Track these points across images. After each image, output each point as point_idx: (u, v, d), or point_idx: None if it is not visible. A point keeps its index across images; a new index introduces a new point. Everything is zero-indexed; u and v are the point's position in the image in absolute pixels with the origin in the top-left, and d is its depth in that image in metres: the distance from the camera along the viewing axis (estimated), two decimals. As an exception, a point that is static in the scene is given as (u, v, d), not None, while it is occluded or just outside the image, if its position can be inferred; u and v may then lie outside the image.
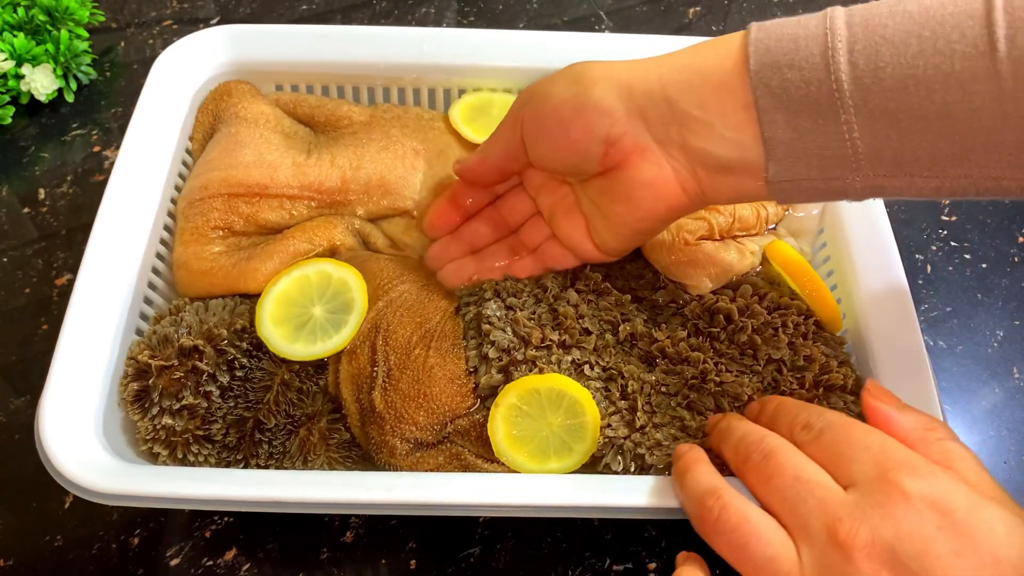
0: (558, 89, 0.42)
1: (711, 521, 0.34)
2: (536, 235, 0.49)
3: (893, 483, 0.31)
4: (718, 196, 0.40)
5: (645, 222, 0.42)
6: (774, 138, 0.36)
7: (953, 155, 0.34)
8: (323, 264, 0.48)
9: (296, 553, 0.47)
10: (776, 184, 0.37)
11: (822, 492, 0.32)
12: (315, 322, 0.47)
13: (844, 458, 0.33)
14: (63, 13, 0.67)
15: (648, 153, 0.40)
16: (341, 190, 0.52)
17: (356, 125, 0.56)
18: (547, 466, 0.43)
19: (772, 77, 0.35)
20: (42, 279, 0.58)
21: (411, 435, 0.44)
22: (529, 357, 0.45)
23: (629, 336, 0.47)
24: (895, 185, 0.36)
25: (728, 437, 0.38)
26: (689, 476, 0.37)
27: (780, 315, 0.48)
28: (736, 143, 0.37)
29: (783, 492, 0.33)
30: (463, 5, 0.78)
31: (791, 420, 0.37)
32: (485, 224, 0.50)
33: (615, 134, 0.40)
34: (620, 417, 0.44)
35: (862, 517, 0.31)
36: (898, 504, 0.31)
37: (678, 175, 0.40)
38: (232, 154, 0.53)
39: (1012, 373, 0.56)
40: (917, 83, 0.33)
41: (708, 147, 0.38)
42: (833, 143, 0.35)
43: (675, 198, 0.40)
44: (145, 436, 0.44)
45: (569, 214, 0.46)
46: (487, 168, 0.47)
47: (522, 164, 0.46)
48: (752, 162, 0.37)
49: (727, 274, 0.49)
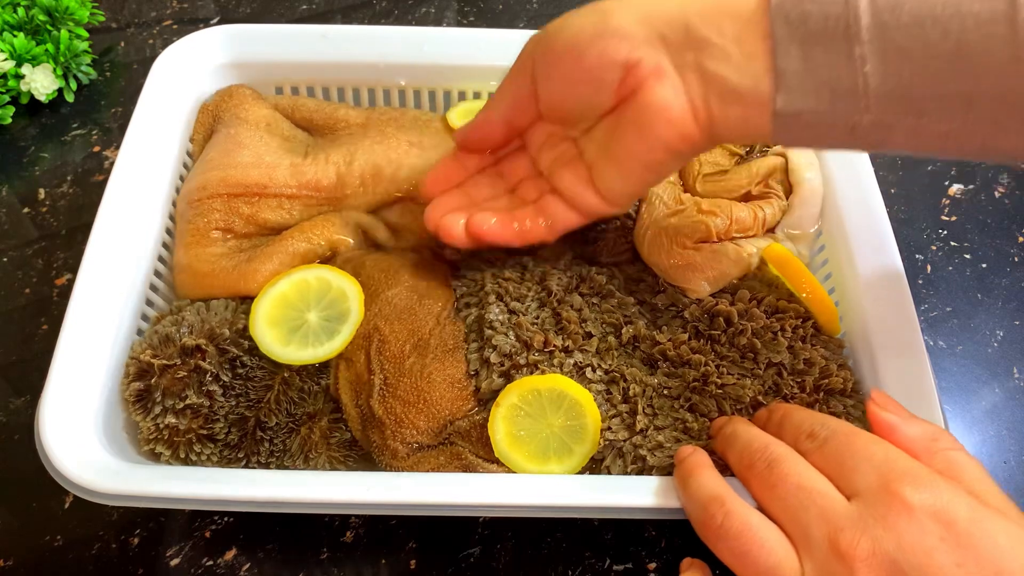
0: (574, 20, 0.41)
1: (714, 528, 0.34)
2: (536, 190, 0.47)
3: (895, 494, 0.31)
4: (726, 129, 0.39)
5: (655, 152, 0.41)
6: (786, 68, 0.36)
7: (962, 96, 0.34)
8: (324, 271, 0.48)
9: (296, 553, 0.47)
10: (783, 118, 0.37)
11: (824, 501, 0.32)
12: (309, 327, 0.46)
13: (847, 468, 0.33)
14: (63, 13, 0.67)
15: (665, 76, 0.39)
16: (338, 186, 0.52)
17: (353, 127, 0.56)
18: (547, 467, 0.43)
19: (792, 8, 0.35)
20: (42, 279, 0.58)
21: (412, 438, 0.44)
22: (531, 361, 0.45)
23: (632, 338, 0.47)
24: (904, 125, 0.35)
25: (733, 442, 0.38)
26: (693, 480, 0.37)
27: (778, 319, 0.48)
28: (751, 70, 0.37)
29: (786, 500, 0.33)
30: (463, 5, 0.78)
31: (796, 428, 0.37)
32: (486, 179, 0.48)
33: (634, 58, 0.39)
34: (620, 420, 0.44)
35: (864, 528, 0.31)
36: (900, 515, 0.31)
37: (691, 102, 0.39)
38: (231, 155, 0.53)
39: (1012, 373, 0.56)
40: (935, 21, 0.33)
41: (723, 72, 0.37)
42: (844, 76, 0.35)
43: (686, 126, 0.39)
44: (148, 436, 0.44)
45: (571, 165, 0.45)
46: (492, 126, 0.46)
47: (529, 118, 0.45)
48: (763, 92, 0.37)
49: (725, 277, 0.49)
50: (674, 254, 0.49)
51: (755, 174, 0.52)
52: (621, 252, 0.52)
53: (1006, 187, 0.65)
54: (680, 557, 0.46)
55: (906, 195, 0.65)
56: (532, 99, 0.43)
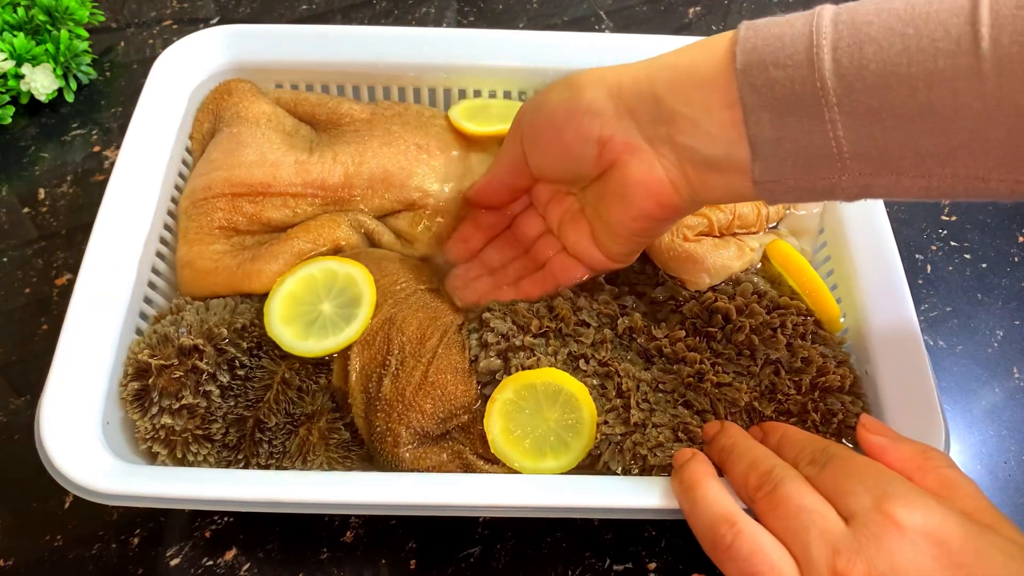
0: (551, 97, 0.43)
1: (723, 547, 0.34)
2: (547, 250, 0.49)
3: (888, 515, 0.31)
4: (709, 195, 0.40)
5: (639, 221, 0.42)
6: (759, 137, 0.36)
7: (938, 154, 0.34)
8: (327, 261, 0.48)
9: (296, 553, 0.47)
10: (763, 184, 0.37)
11: (823, 523, 0.33)
12: (325, 318, 0.47)
13: (842, 491, 0.34)
14: (63, 13, 0.67)
15: (638, 151, 0.40)
16: (345, 186, 0.52)
17: (358, 122, 0.56)
18: (544, 463, 0.43)
19: (758, 75, 0.35)
20: (42, 279, 0.58)
21: (417, 423, 0.44)
22: (528, 344, 0.45)
23: (627, 330, 0.47)
24: (882, 184, 0.35)
25: (735, 459, 0.38)
26: (699, 495, 0.37)
27: (779, 315, 0.48)
28: (723, 140, 0.37)
29: (787, 521, 0.34)
30: (463, 5, 0.78)
31: (797, 453, 0.37)
32: (500, 245, 0.51)
33: (606, 134, 0.40)
34: (616, 415, 0.44)
35: (858, 549, 0.31)
36: (893, 536, 0.31)
37: (668, 173, 0.40)
38: (234, 154, 0.53)
39: (1012, 373, 0.56)
40: (901, 81, 0.33)
41: (695, 144, 0.38)
42: (818, 142, 0.35)
43: (666, 196, 0.40)
44: (144, 435, 0.44)
45: (575, 222, 0.47)
46: (494, 187, 0.49)
47: (528, 179, 0.47)
48: (739, 160, 0.37)
49: (726, 271, 0.49)
50: (675, 245, 0.49)
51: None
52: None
53: (1006, 187, 0.65)
54: (680, 557, 0.47)
55: (906, 195, 0.65)
56: (526, 165, 0.46)
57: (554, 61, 0.57)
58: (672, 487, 0.39)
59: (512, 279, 0.49)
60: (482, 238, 0.52)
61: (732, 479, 0.38)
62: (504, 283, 0.49)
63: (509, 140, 0.47)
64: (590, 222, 0.46)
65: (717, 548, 0.34)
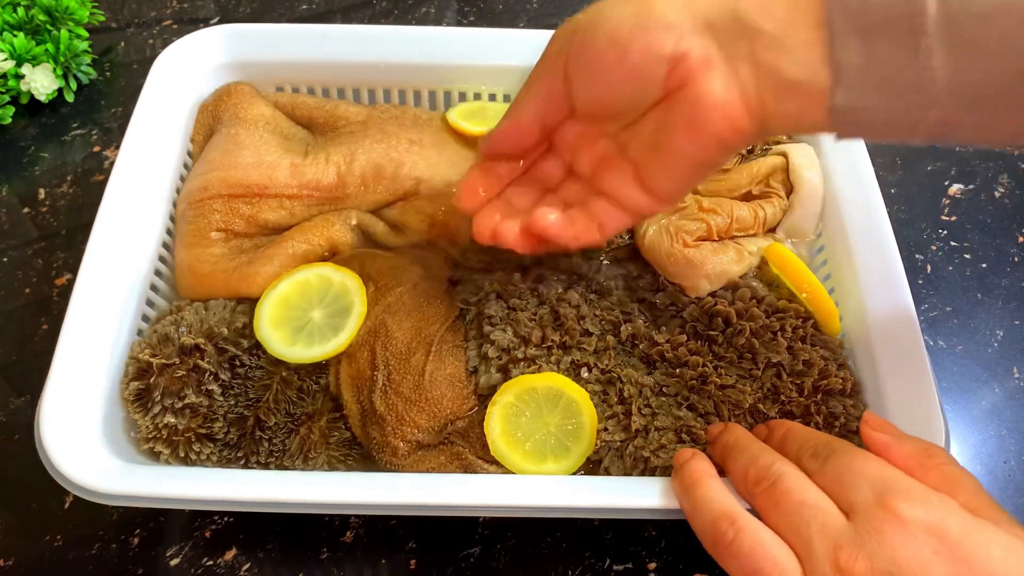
0: (613, 11, 0.37)
1: (724, 544, 0.34)
2: (578, 193, 0.43)
3: (890, 509, 0.32)
4: (780, 124, 0.37)
5: (707, 150, 0.38)
6: (845, 62, 0.33)
7: None
8: (324, 268, 0.48)
9: (296, 553, 0.47)
10: (842, 113, 0.34)
11: (824, 518, 0.33)
12: (313, 325, 0.47)
13: (844, 486, 0.34)
14: (63, 13, 0.67)
15: (716, 67, 0.36)
16: (339, 185, 0.52)
17: (353, 124, 0.56)
18: (544, 467, 0.43)
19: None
20: (42, 279, 0.58)
21: (412, 436, 0.44)
22: (529, 356, 0.45)
23: (630, 336, 0.47)
24: (970, 122, 0.33)
25: (736, 455, 0.38)
26: (698, 492, 0.37)
27: (779, 318, 0.48)
28: (806, 62, 0.34)
29: (789, 517, 0.34)
30: (463, 5, 0.78)
31: (799, 448, 0.37)
32: (521, 188, 0.45)
33: (681, 50, 0.36)
34: (616, 421, 0.44)
35: (860, 544, 0.31)
36: (895, 530, 0.31)
37: (743, 94, 0.36)
38: (231, 155, 0.53)
39: (1012, 373, 0.56)
40: (1010, 11, 0.30)
41: (778, 63, 0.35)
42: (908, 71, 0.32)
43: (740, 119, 0.36)
44: (147, 435, 0.44)
45: (614, 166, 0.41)
46: (522, 129, 0.42)
47: (563, 115, 0.42)
48: (820, 85, 0.34)
49: (725, 276, 0.49)
50: (674, 251, 0.49)
51: (756, 174, 0.52)
52: (621, 249, 0.52)
53: (1006, 187, 0.65)
54: (680, 557, 0.47)
55: (906, 195, 0.65)
56: (565, 97, 0.40)
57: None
58: (672, 487, 0.39)
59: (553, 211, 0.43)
60: (496, 183, 0.45)
61: (733, 476, 0.38)
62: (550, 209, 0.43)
63: (543, 69, 0.40)
64: (637, 161, 0.40)
65: (718, 545, 0.34)
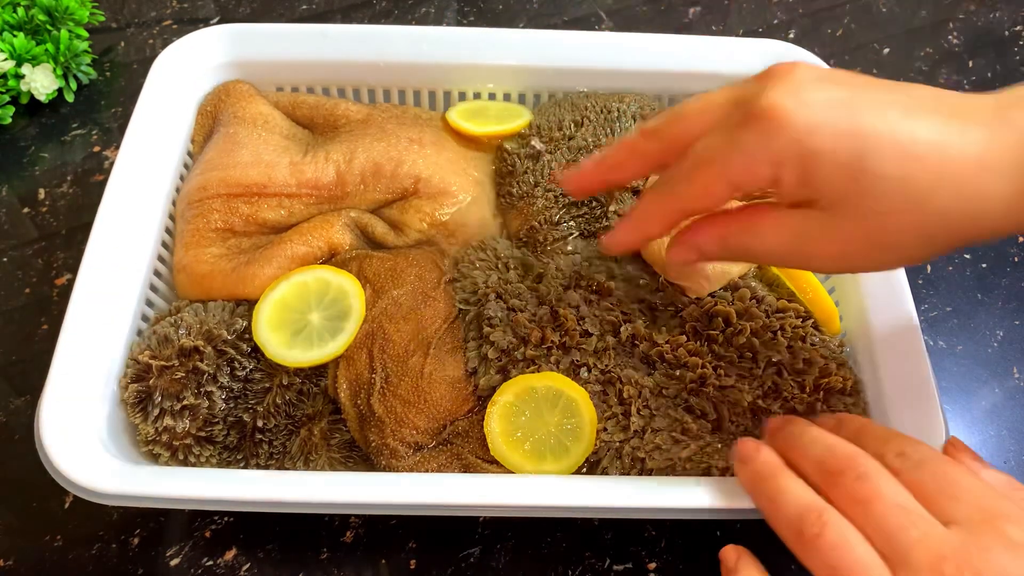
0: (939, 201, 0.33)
1: (810, 537, 0.33)
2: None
3: (998, 529, 0.31)
4: None
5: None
6: None
7: None
8: (322, 271, 0.48)
9: (296, 553, 0.47)
10: None
11: (926, 526, 0.32)
12: (312, 328, 0.46)
13: (946, 495, 0.33)
14: (63, 13, 0.67)
15: None
16: (338, 184, 0.52)
17: (353, 123, 0.56)
18: (543, 467, 0.43)
19: None
20: (42, 279, 0.58)
21: (411, 438, 0.44)
22: (528, 357, 0.45)
23: (630, 337, 0.47)
24: None
25: (806, 445, 0.37)
26: (779, 486, 0.36)
27: (779, 318, 0.48)
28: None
29: (882, 519, 0.33)
30: (463, 5, 0.78)
31: (881, 445, 0.36)
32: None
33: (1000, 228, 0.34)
34: (616, 422, 0.44)
35: (967, 558, 0.31)
36: (1005, 551, 0.31)
37: None
38: (230, 154, 0.53)
39: (1012, 373, 0.56)
40: None
41: None
42: None
43: None
44: (146, 439, 0.44)
45: None
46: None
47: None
48: None
49: (725, 276, 0.49)
50: None
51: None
52: (621, 250, 0.52)
53: (1006, 187, 0.65)
54: (680, 557, 0.47)
55: (906, 195, 0.64)
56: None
57: (554, 61, 0.57)
58: (740, 479, 0.38)
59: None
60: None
61: (805, 466, 0.37)
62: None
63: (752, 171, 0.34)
64: None
65: (802, 538, 0.34)
